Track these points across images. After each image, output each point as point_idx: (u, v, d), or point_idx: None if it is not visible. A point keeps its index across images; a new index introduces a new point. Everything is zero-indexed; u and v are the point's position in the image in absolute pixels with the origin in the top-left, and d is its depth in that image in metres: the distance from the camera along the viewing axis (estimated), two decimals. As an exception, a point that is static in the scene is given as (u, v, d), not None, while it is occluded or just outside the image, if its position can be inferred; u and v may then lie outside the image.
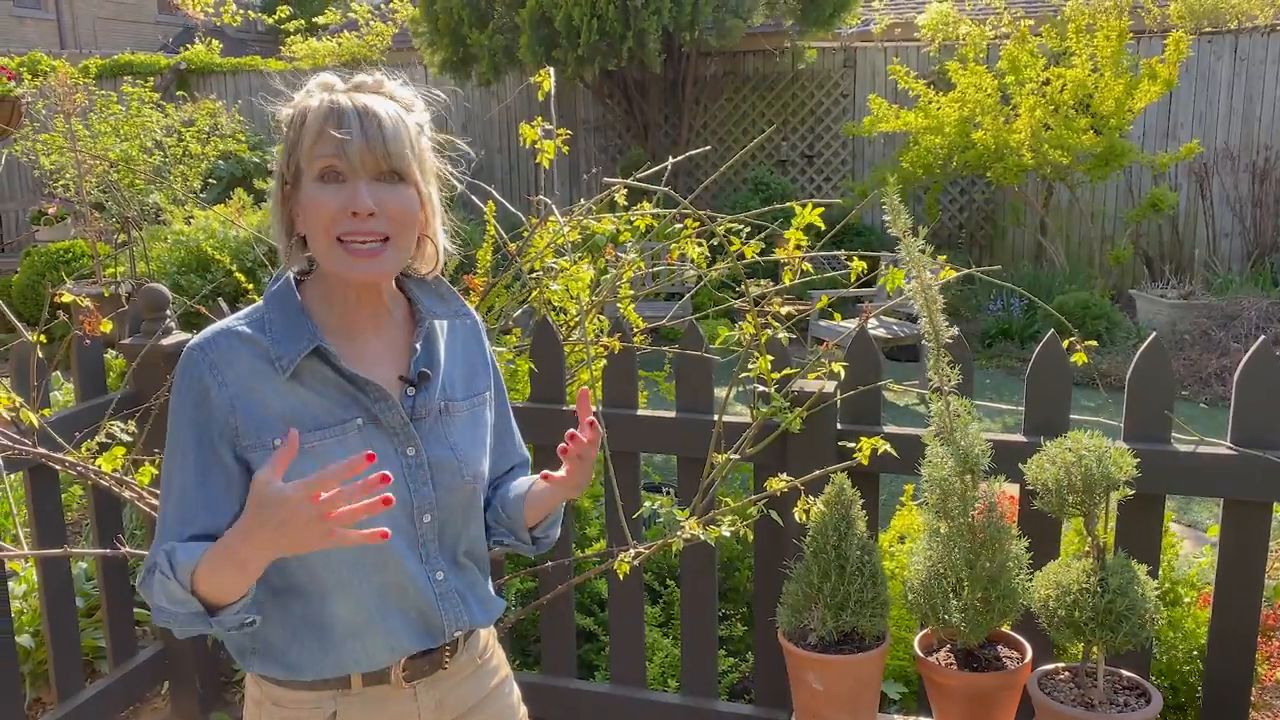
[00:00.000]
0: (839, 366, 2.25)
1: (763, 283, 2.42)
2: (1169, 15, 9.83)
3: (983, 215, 10.18)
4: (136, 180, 7.36)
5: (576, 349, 2.74)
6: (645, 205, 2.69)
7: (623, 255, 2.81)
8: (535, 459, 1.90)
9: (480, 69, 9.43)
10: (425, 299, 1.45)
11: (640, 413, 2.49)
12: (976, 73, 8.14)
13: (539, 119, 2.51)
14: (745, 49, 10.29)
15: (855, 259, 2.41)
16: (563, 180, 10.90)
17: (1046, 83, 8.05)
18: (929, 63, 9.78)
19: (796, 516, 2.02)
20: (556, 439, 2.52)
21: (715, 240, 2.45)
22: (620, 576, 2.28)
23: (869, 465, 2.16)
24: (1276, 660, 2.44)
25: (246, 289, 3.27)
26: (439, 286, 1.48)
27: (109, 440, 2.37)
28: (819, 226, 2.40)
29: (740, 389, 2.40)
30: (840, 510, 1.89)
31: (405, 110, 1.34)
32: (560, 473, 1.42)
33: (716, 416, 2.36)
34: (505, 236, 2.85)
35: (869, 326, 2.30)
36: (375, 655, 1.38)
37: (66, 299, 2.55)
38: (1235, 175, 9.38)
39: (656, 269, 3.17)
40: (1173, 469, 2.08)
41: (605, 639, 2.89)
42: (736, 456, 2.31)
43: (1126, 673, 1.86)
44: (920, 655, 1.91)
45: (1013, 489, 2.18)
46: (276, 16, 12.17)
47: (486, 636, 1.55)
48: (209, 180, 9.46)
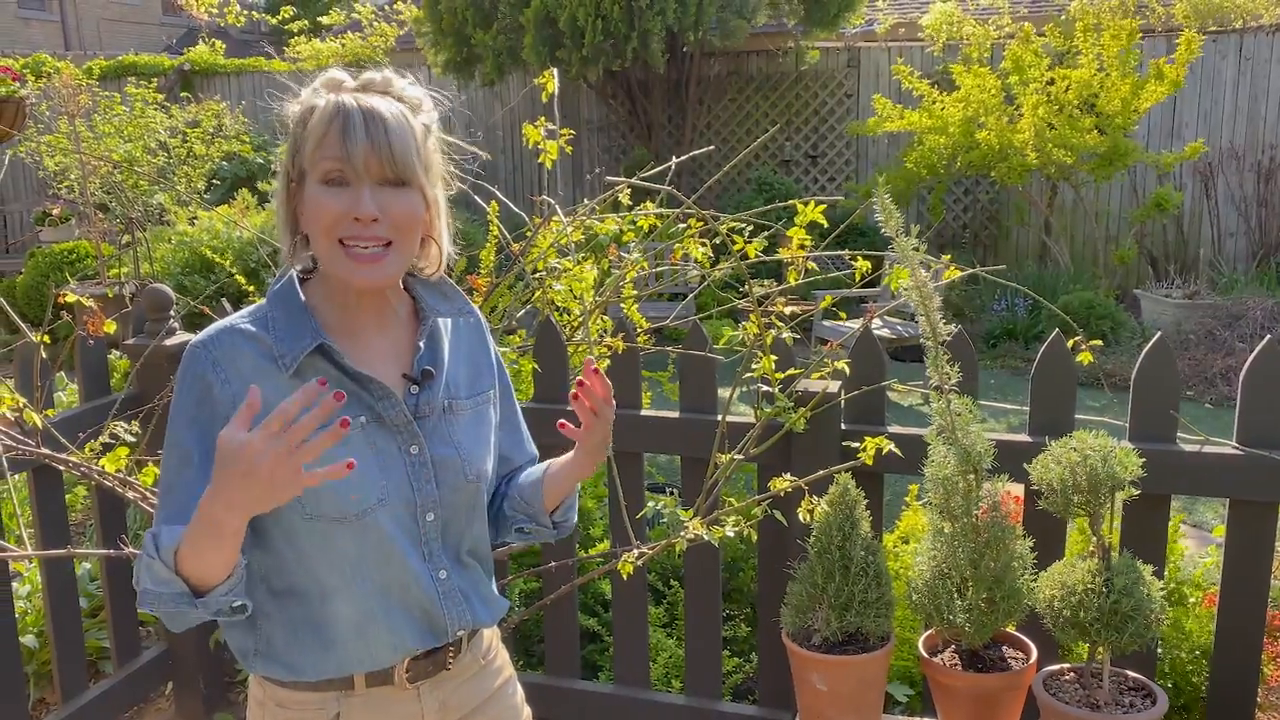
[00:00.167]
0: (843, 365, 2.24)
1: (766, 283, 2.41)
2: (1174, 14, 9.81)
3: (987, 215, 10.17)
4: (140, 181, 7.37)
5: (580, 349, 2.74)
6: (648, 205, 2.68)
7: (626, 255, 2.81)
8: (540, 457, 1.89)
9: (484, 69, 9.43)
10: (429, 297, 1.45)
11: (644, 413, 2.49)
12: (980, 74, 8.13)
13: (542, 119, 2.51)
14: (749, 49, 10.29)
15: (859, 259, 2.40)
16: (566, 180, 10.90)
17: (1051, 82, 8.03)
18: (933, 63, 9.77)
19: (801, 517, 2.01)
20: (561, 438, 2.52)
21: (719, 240, 2.44)
22: (624, 577, 2.27)
23: (873, 465, 2.16)
24: (1283, 661, 2.43)
25: (248, 290, 3.27)
26: (443, 285, 1.48)
27: (112, 441, 2.37)
28: (823, 226, 2.39)
29: (744, 389, 2.39)
30: (844, 510, 1.88)
31: (412, 112, 1.33)
32: (579, 430, 1.42)
33: (720, 417, 2.36)
34: (509, 237, 2.85)
35: (873, 326, 2.29)
36: (378, 655, 1.37)
37: (70, 299, 2.55)
38: (1240, 174, 9.36)
39: (660, 269, 3.17)
40: (1178, 469, 2.07)
41: (609, 639, 2.89)
42: (740, 457, 2.31)
43: (1132, 673, 1.85)
44: (925, 656, 1.90)
45: (1018, 489, 2.17)
46: (280, 17, 12.18)
47: (490, 637, 1.55)
48: (213, 181, 9.47)
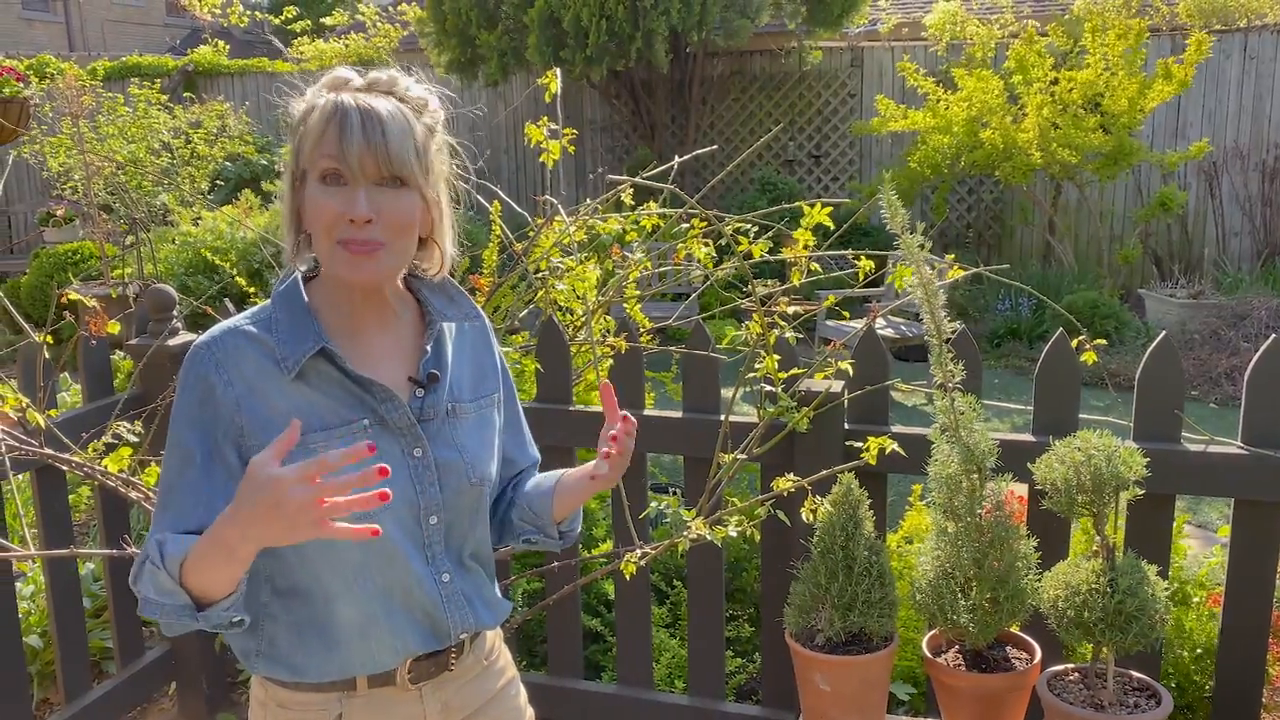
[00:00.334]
0: (847, 364, 2.24)
1: (770, 282, 2.41)
2: (1178, 14, 9.80)
3: (991, 215, 10.16)
4: (144, 182, 7.38)
5: (583, 349, 2.74)
6: (652, 205, 2.68)
7: (629, 255, 2.80)
8: (543, 459, 1.89)
9: (488, 70, 9.44)
10: (435, 300, 1.44)
11: (647, 413, 2.48)
12: (983, 77, 8.12)
13: (544, 119, 2.51)
14: (752, 49, 10.29)
15: (862, 258, 2.40)
16: (569, 180, 10.91)
17: (1055, 82, 8.02)
18: (937, 62, 9.76)
19: (804, 516, 2.01)
20: (563, 438, 2.53)
21: (722, 240, 2.44)
22: (627, 577, 2.27)
23: (877, 465, 2.15)
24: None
25: (251, 291, 3.27)
26: (448, 288, 1.47)
27: (115, 441, 2.37)
28: (827, 226, 2.39)
29: (747, 389, 2.39)
30: (848, 510, 1.88)
31: (415, 113, 1.32)
32: (601, 469, 1.42)
33: (723, 416, 2.36)
34: (511, 236, 2.84)
35: (877, 326, 2.29)
36: (381, 657, 1.37)
37: (73, 299, 2.55)
38: (1245, 174, 9.34)
39: (663, 269, 3.17)
40: (1183, 469, 2.06)
41: (612, 640, 2.88)
42: (743, 456, 2.30)
43: (1136, 674, 1.84)
44: (928, 656, 1.90)
45: (1022, 489, 2.17)
46: (283, 17, 12.19)
47: (493, 638, 1.54)
48: (216, 182, 9.49)
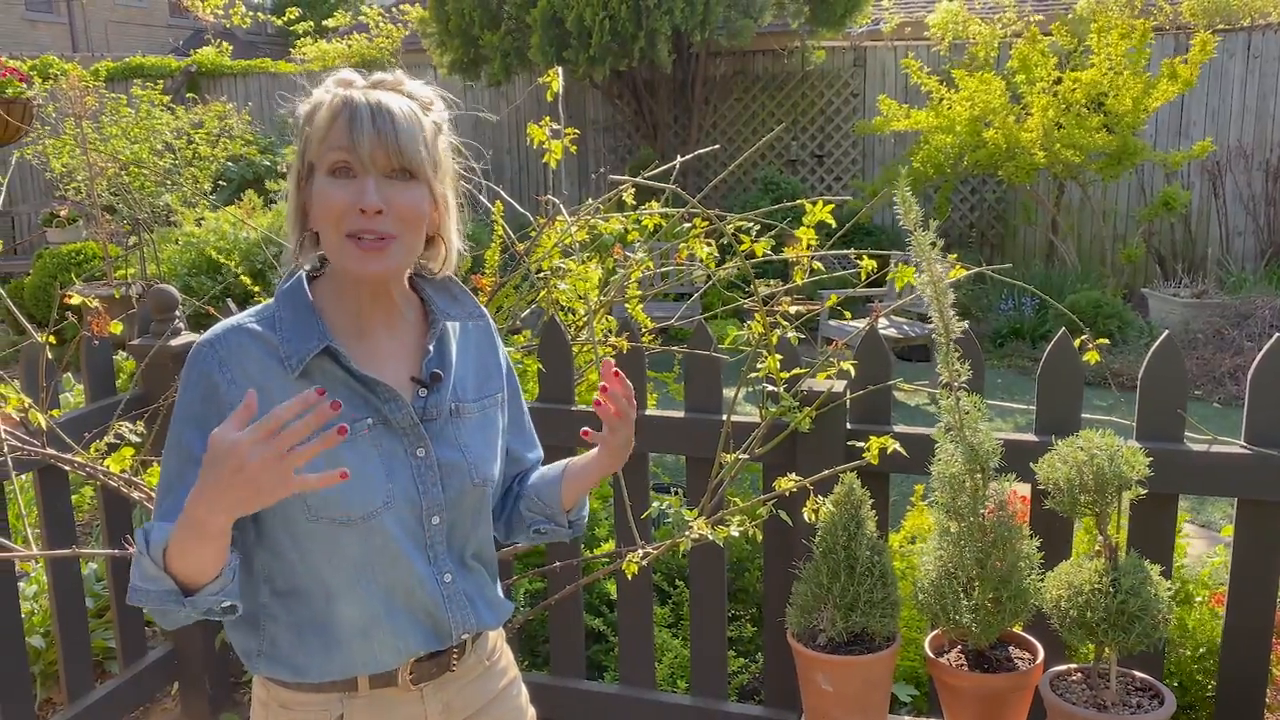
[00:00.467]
0: (849, 364, 2.24)
1: (772, 282, 2.41)
2: (1181, 13, 9.78)
3: (994, 214, 10.14)
4: (147, 182, 7.39)
5: (585, 349, 2.74)
6: (653, 205, 2.68)
7: (631, 255, 2.80)
8: (545, 458, 1.90)
9: (491, 70, 9.44)
10: (439, 299, 1.44)
11: (649, 413, 2.48)
12: (984, 79, 8.11)
13: (547, 119, 2.51)
14: (755, 49, 10.27)
15: (865, 258, 2.40)
16: (572, 180, 10.91)
17: (1059, 81, 8.01)
18: (939, 61, 9.75)
19: (806, 516, 2.01)
20: (565, 438, 2.53)
21: (724, 240, 2.44)
22: (629, 577, 2.27)
23: (879, 465, 2.15)
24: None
25: (254, 291, 3.27)
26: (452, 287, 1.47)
27: (117, 441, 2.37)
28: (830, 225, 2.39)
29: (749, 389, 2.39)
30: (850, 510, 1.87)
31: (423, 109, 1.33)
32: (603, 433, 1.43)
33: (725, 416, 2.35)
34: (513, 236, 2.84)
35: (879, 326, 2.28)
36: (382, 657, 1.37)
37: (75, 300, 2.55)
38: (1249, 173, 9.33)
39: (665, 269, 3.17)
40: (1186, 468, 2.06)
41: (614, 640, 2.88)
42: (745, 456, 2.30)
43: (1139, 674, 1.84)
44: (931, 656, 1.89)
45: (1024, 489, 2.16)
46: (286, 18, 12.21)
47: (495, 638, 1.54)
48: (219, 182, 9.50)
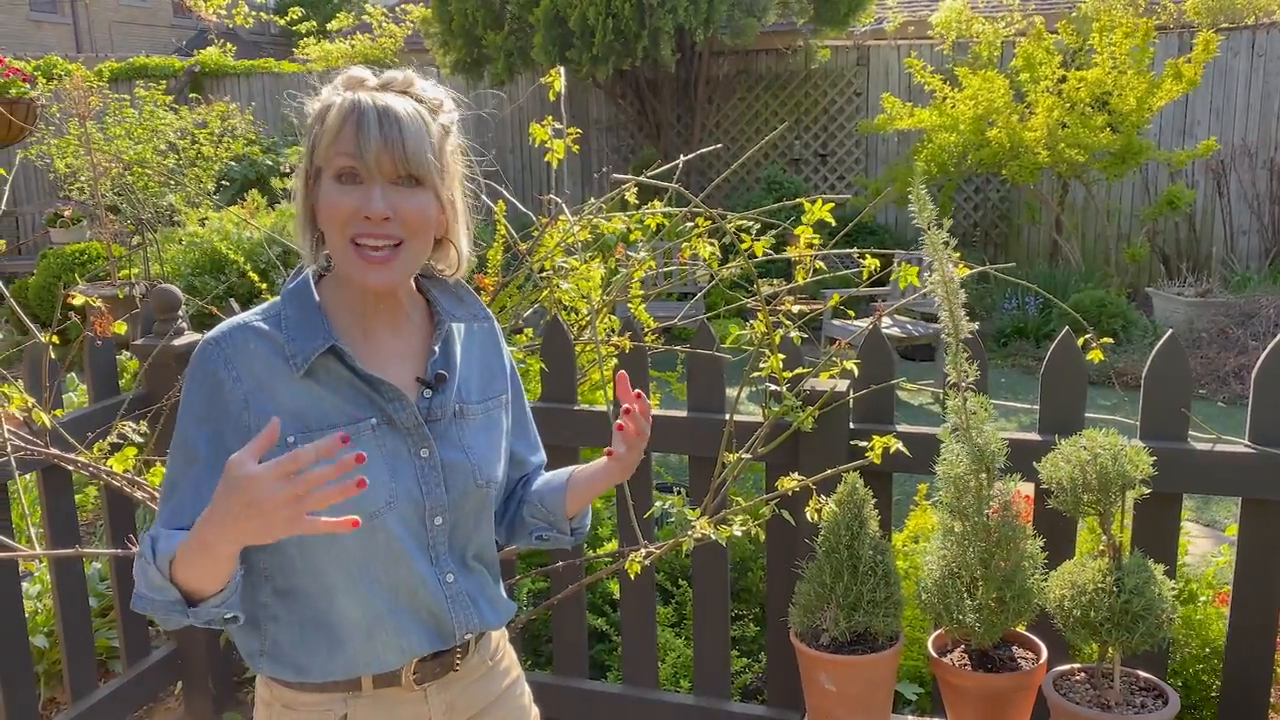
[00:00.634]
0: (852, 364, 2.23)
1: (775, 282, 2.40)
2: (1185, 11, 9.76)
3: (997, 213, 10.13)
4: (151, 183, 7.39)
5: (587, 348, 2.74)
6: (656, 204, 2.67)
7: (633, 254, 2.80)
8: (546, 459, 1.90)
9: (493, 70, 9.44)
10: (444, 301, 1.44)
11: (652, 413, 2.47)
12: (988, 78, 8.09)
13: (549, 119, 2.51)
14: (759, 48, 10.27)
15: (868, 257, 2.39)
16: (575, 180, 10.91)
17: (1063, 80, 8.00)
18: (943, 60, 9.74)
19: (809, 516, 2.01)
20: (568, 438, 2.53)
21: (727, 240, 2.43)
22: (632, 576, 2.26)
23: (882, 464, 2.15)
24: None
25: (261, 289, 3.28)
26: (458, 289, 1.47)
27: (121, 440, 2.37)
28: (831, 224, 2.39)
29: (752, 388, 2.38)
30: (853, 509, 1.87)
31: (431, 112, 1.32)
32: (619, 448, 1.46)
33: (728, 416, 2.35)
34: (516, 236, 2.84)
35: (882, 325, 2.28)
36: (385, 657, 1.37)
37: (78, 300, 2.55)
38: (1253, 172, 9.30)
39: (668, 269, 3.17)
40: (1190, 467, 2.06)
41: (617, 639, 2.88)
42: (748, 456, 2.30)
43: (1143, 673, 1.83)
44: (934, 656, 1.89)
45: (1027, 488, 2.16)
46: (288, 18, 12.21)
47: (498, 638, 1.54)
48: (222, 182, 9.51)
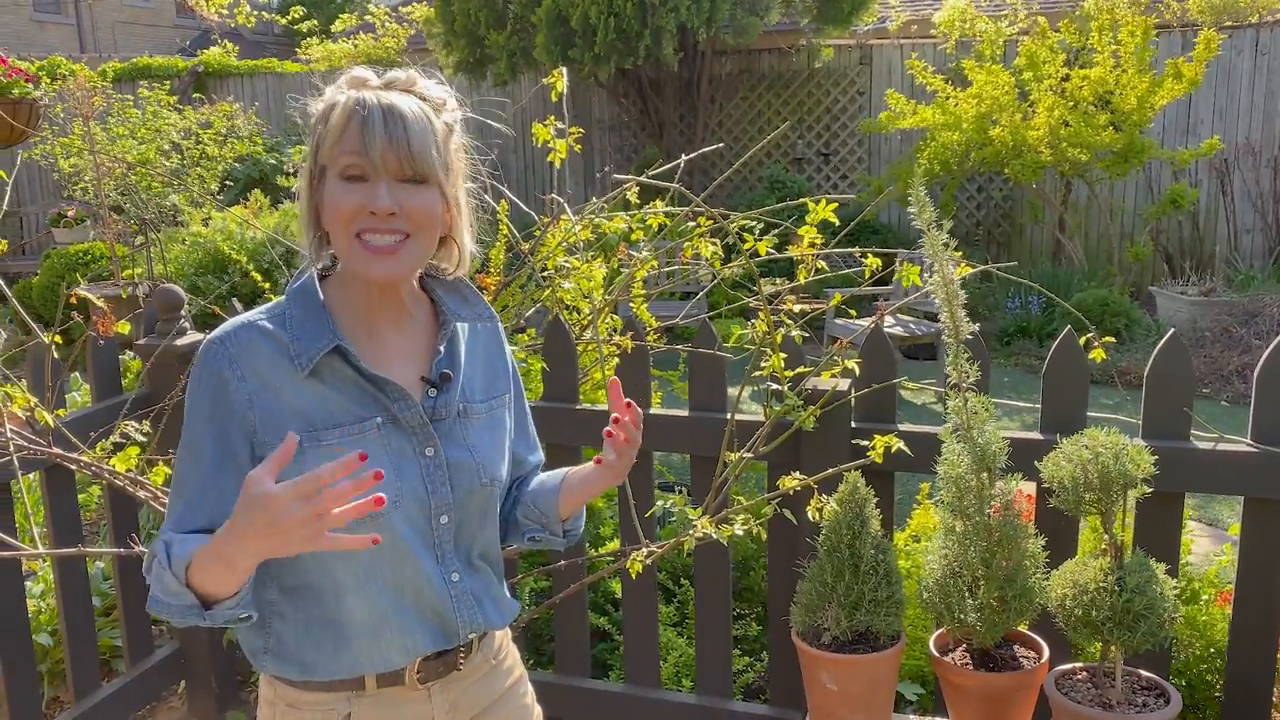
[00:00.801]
0: (854, 363, 2.23)
1: (778, 281, 2.40)
2: (1188, 10, 9.75)
3: (1000, 212, 10.12)
4: (154, 183, 7.40)
5: (589, 348, 2.74)
6: (658, 203, 2.68)
7: (635, 254, 2.80)
8: (548, 457, 1.90)
9: (496, 69, 9.45)
10: (449, 300, 1.45)
11: (654, 411, 2.48)
12: (993, 72, 8.09)
13: (551, 118, 2.51)
14: (761, 47, 10.27)
15: (870, 256, 2.39)
16: (577, 179, 10.92)
17: (1066, 79, 7.99)
18: (946, 59, 9.73)
19: (810, 515, 2.01)
20: (569, 437, 2.53)
21: (729, 239, 2.43)
22: (634, 576, 2.26)
23: (883, 463, 2.15)
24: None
25: (264, 289, 3.28)
26: (462, 288, 1.48)
27: (124, 440, 2.38)
28: (834, 224, 2.39)
29: (754, 387, 2.38)
30: (854, 509, 1.87)
31: (435, 111, 1.33)
32: (610, 456, 1.43)
33: (730, 415, 2.35)
34: (518, 235, 2.85)
35: (885, 324, 2.28)
36: (389, 656, 1.37)
37: (81, 297, 2.56)
38: (1257, 171, 9.29)
39: (670, 268, 3.17)
40: (1192, 466, 2.05)
41: (619, 638, 2.88)
42: (750, 455, 2.30)
43: (1145, 673, 1.83)
44: (936, 655, 1.89)
45: (1029, 487, 2.16)
46: (290, 18, 12.22)
47: (501, 637, 1.55)
48: (226, 182, 9.52)
